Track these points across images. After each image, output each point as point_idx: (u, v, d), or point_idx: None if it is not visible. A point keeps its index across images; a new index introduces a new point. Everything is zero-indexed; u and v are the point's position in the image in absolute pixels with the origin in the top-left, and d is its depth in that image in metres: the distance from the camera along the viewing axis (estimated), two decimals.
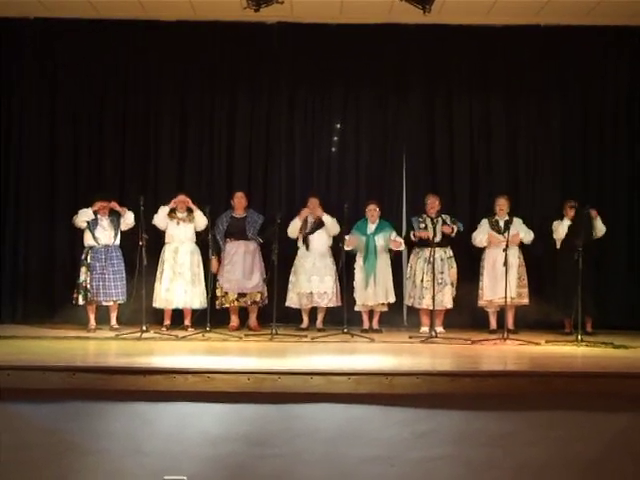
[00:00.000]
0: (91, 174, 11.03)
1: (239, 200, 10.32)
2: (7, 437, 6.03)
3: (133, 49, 11.08)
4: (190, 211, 10.17)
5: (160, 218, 10.06)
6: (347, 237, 9.85)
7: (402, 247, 10.24)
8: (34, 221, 10.89)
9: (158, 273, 10.03)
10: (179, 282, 10.00)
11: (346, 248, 9.77)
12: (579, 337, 8.80)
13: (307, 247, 10.23)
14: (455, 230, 9.95)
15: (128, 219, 9.98)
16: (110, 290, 9.82)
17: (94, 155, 11.05)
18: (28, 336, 8.97)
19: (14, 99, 11.00)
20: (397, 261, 10.57)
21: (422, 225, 9.94)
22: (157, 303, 10.01)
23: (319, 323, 10.22)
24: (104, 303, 9.92)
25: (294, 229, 10.26)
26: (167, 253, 10.08)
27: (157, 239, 10.09)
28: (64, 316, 10.28)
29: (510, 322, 9.80)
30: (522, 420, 6.16)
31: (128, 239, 10.02)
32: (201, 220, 10.08)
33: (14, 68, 10.95)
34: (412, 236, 10.05)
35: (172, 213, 10.14)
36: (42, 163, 10.96)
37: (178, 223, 10.11)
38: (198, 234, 10.20)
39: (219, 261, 10.12)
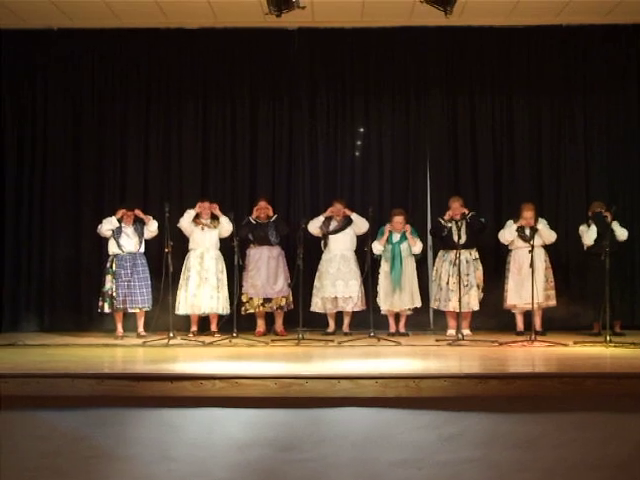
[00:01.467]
0: (115, 182, 11.11)
1: (260, 207, 10.33)
2: (36, 444, 6.07)
3: (155, 57, 11.14)
4: (215, 218, 10.20)
5: (186, 221, 10.11)
6: (374, 243, 9.85)
7: (419, 247, 10.19)
8: (60, 230, 10.97)
9: (182, 280, 10.05)
10: (205, 288, 10.03)
11: (375, 251, 9.80)
12: (607, 338, 8.73)
13: (325, 245, 10.24)
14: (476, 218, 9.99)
15: (152, 227, 10.02)
16: (136, 297, 9.86)
17: (118, 163, 11.12)
18: (56, 344, 9.07)
19: (38, 108, 11.09)
20: (423, 264, 10.55)
21: (448, 224, 9.92)
22: (181, 310, 10.03)
23: (345, 327, 10.20)
24: (130, 310, 9.96)
25: (315, 225, 10.26)
26: (192, 259, 10.11)
27: (180, 246, 10.10)
28: (91, 324, 10.42)
29: (538, 324, 9.75)
30: (551, 422, 6.12)
31: (153, 246, 10.09)
32: (227, 227, 10.10)
33: (38, 78, 11.06)
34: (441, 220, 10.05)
35: (197, 219, 10.18)
36: (66, 172, 11.03)
37: (203, 229, 10.14)
38: (222, 240, 10.21)
39: (244, 267, 10.14)
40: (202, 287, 10.04)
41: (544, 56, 11.02)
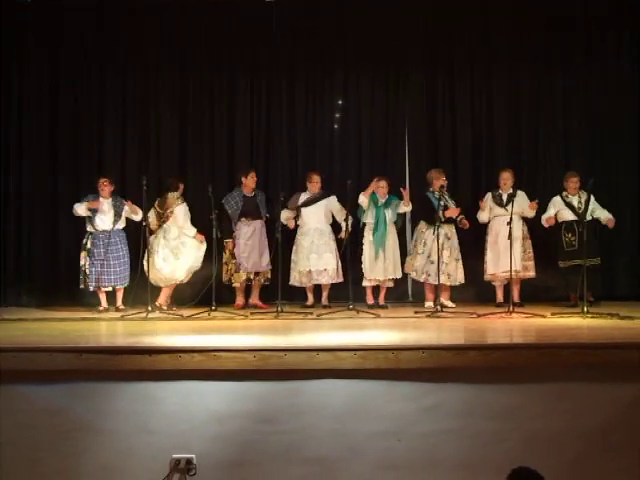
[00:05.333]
0: (92, 156, 11.00)
1: (253, 179, 10.29)
2: (15, 418, 6.07)
3: (132, 29, 10.98)
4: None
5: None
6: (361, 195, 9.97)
7: (409, 207, 10.24)
8: (37, 205, 10.86)
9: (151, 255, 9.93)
10: (174, 259, 10.00)
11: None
12: (585, 309, 8.77)
13: (299, 218, 10.23)
14: (460, 216, 10.01)
15: (137, 217, 9.96)
16: (110, 276, 9.80)
17: (95, 138, 11.01)
18: (34, 318, 8.99)
19: (13, 83, 10.94)
20: (401, 236, 10.53)
21: (442, 201, 9.86)
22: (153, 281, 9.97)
23: (324, 300, 10.19)
24: (103, 289, 9.91)
25: (286, 215, 10.23)
26: (158, 233, 10.05)
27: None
28: (71, 298, 10.33)
29: (516, 295, 9.82)
30: (529, 393, 6.17)
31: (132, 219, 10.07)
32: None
33: (13, 53, 10.87)
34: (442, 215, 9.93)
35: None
36: (43, 146, 10.91)
37: None
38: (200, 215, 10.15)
39: (233, 242, 10.12)
40: (170, 260, 9.98)
41: (524, 27, 10.95)
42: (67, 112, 10.97)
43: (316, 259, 10.05)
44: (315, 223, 10.17)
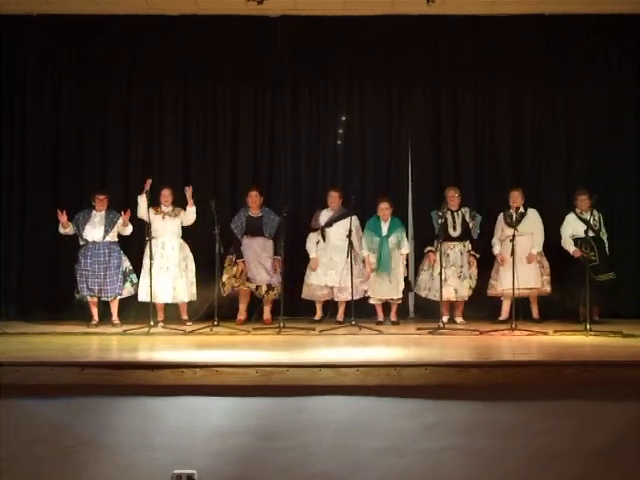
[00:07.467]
0: (96, 169, 11.04)
1: (253, 199, 10.25)
2: (17, 433, 6.04)
3: (136, 44, 11.07)
4: (175, 205, 10.13)
5: (142, 208, 9.85)
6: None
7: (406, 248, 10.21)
8: (39, 218, 10.86)
9: (143, 269, 9.82)
10: (165, 277, 9.84)
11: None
12: (588, 327, 8.75)
13: (324, 239, 10.16)
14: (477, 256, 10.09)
15: (127, 231, 9.99)
16: (95, 287, 9.78)
17: (99, 150, 11.05)
18: (37, 332, 9.00)
19: (17, 96, 11.00)
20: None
21: (440, 220, 9.78)
22: (142, 297, 9.84)
23: (339, 316, 10.17)
24: (90, 298, 9.85)
25: (312, 241, 10.27)
26: (153, 248, 9.75)
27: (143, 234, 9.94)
28: (72, 312, 10.30)
29: (535, 312, 9.96)
30: (532, 410, 6.14)
31: (133, 234, 10.10)
32: (190, 217, 10.07)
33: (17, 66, 10.95)
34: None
35: (157, 208, 10.05)
36: (46, 158, 10.97)
37: (164, 217, 10.01)
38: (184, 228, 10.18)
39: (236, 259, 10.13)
40: (161, 276, 9.79)
41: (527, 45, 11.02)
42: (71, 127, 11.02)
43: (334, 275, 9.95)
44: (334, 240, 10.10)
